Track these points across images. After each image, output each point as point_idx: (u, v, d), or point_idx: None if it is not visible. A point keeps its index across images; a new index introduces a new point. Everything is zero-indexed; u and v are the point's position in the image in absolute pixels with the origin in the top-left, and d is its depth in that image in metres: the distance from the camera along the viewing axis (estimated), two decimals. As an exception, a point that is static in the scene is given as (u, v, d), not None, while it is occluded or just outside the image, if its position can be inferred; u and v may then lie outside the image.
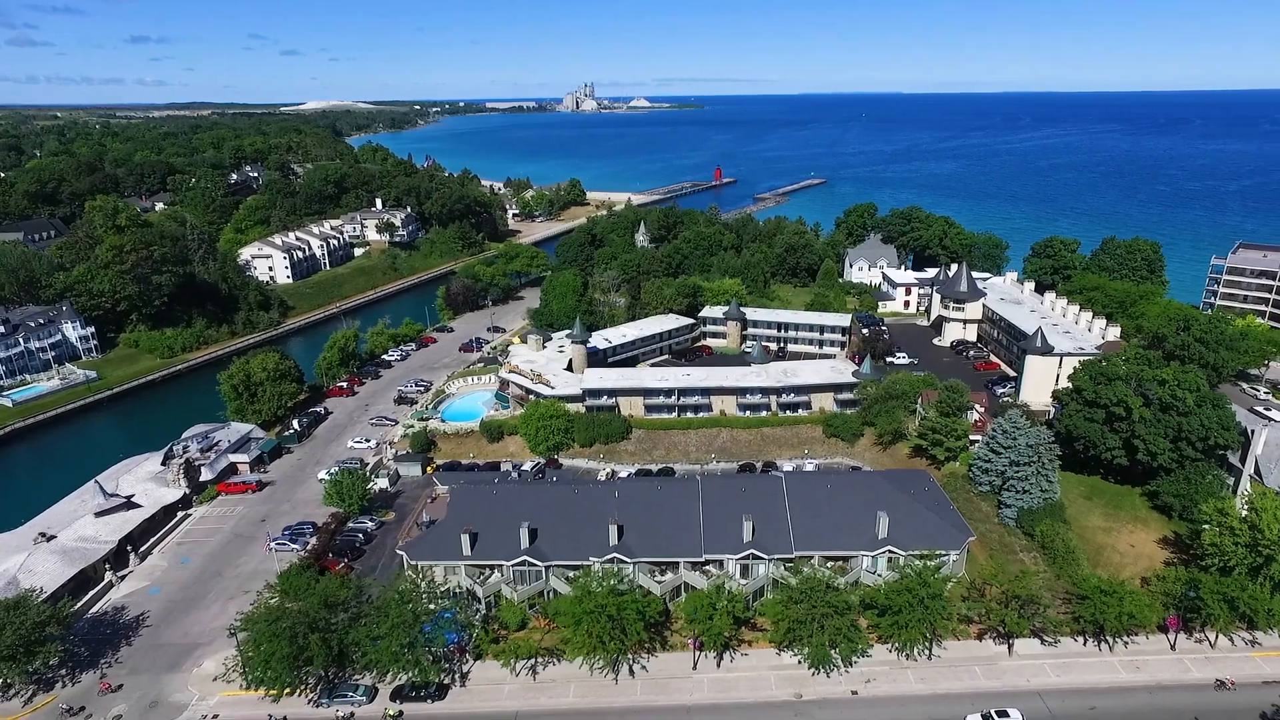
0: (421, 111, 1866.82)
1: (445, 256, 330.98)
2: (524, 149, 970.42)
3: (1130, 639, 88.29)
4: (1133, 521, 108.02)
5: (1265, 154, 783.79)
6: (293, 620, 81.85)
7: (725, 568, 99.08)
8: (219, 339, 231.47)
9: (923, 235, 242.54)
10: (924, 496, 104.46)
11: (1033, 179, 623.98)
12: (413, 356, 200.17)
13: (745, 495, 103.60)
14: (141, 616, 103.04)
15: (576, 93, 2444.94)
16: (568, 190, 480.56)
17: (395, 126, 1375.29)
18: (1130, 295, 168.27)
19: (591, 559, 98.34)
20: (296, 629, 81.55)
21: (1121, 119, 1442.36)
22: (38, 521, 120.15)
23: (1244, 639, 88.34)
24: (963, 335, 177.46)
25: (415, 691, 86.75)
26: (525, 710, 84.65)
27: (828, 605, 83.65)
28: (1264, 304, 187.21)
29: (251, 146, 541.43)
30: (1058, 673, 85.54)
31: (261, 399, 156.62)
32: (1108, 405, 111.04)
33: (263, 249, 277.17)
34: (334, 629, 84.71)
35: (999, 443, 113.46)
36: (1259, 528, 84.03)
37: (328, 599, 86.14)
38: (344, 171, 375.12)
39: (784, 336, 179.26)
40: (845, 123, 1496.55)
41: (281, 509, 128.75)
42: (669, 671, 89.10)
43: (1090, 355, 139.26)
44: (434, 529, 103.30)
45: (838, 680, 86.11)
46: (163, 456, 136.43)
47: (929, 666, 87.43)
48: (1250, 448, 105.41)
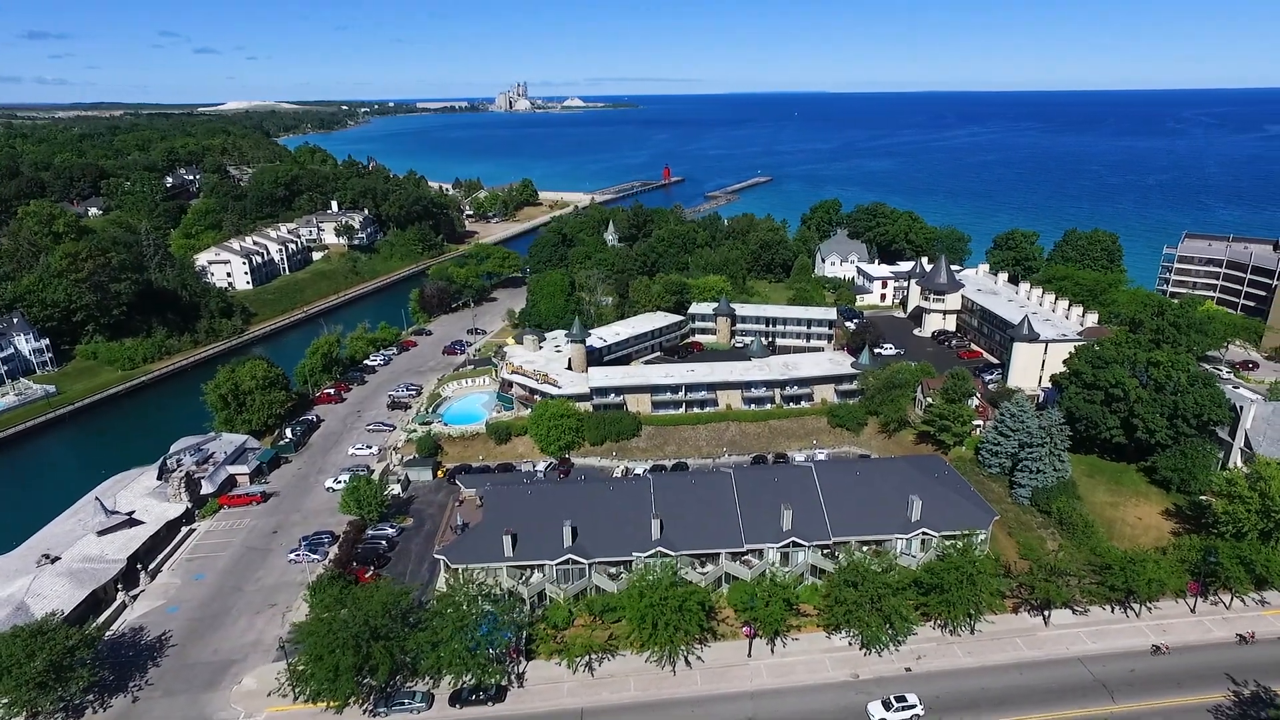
0: (350, 112, 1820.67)
1: (406, 259, 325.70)
2: (463, 149, 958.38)
3: (1154, 605, 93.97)
4: (1135, 496, 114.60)
5: (1172, 150, 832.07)
6: (357, 629, 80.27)
7: (765, 557, 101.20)
8: (182, 348, 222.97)
9: (889, 230, 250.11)
10: (946, 480, 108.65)
11: (967, 175, 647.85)
12: (394, 361, 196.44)
13: (778, 485, 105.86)
14: (164, 636, 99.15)
15: (509, 92, 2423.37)
16: (520, 190, 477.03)
17: (324, 127, 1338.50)
18: (1100, 284, 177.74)
19: (635, 554, 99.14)
20: (360, 638, 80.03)
21: (1039, 117, 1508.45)
22: (35, 543, 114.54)
23: (1254, 599, 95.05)
24: (943, 325, 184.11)
25: (474, 694, 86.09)
26: (590, 707, 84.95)
27: (884, 586, 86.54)
28: (1212, 289, 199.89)
29: (184, 148, 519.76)
30: (1092, 640, 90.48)
31: (251, 408, 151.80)
32: (1106, 387, 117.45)
33: (220, 254, 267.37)
34: (394, 637, 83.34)
35: (1007, 426, 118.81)
36: (1269, 495, 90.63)
37: (389, 606, 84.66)
38: (294, 173, 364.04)
39: (772, 331, 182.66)
40: (779, 122, 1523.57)
41: (292, 520, 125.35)
42: (724, 660, 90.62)
43: (1073, 341, 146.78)
44: (472, 531, 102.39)
45: (890, 659, 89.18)
46: (158, 471, 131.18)
47: (973, 641, 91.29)
48: (1240, 422, 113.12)
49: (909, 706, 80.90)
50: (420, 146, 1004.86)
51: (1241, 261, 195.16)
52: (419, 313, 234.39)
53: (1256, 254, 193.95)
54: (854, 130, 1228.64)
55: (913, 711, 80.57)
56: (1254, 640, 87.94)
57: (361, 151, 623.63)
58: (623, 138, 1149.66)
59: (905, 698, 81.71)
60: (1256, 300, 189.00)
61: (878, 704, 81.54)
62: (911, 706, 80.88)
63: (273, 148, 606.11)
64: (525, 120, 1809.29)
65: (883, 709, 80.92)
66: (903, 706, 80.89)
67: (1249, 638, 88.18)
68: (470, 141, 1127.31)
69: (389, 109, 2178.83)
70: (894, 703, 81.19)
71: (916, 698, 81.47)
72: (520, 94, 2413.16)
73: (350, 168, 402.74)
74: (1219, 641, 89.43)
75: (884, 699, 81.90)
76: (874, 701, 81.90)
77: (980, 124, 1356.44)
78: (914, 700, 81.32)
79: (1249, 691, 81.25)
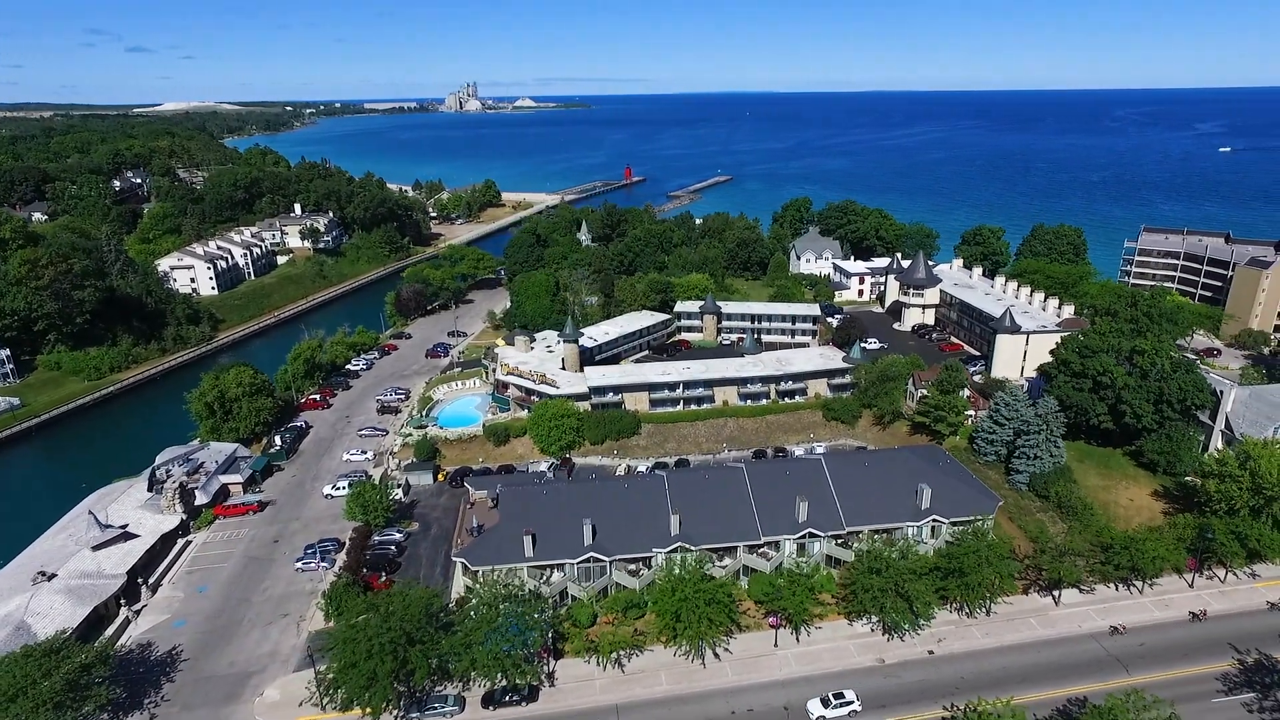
0: (296, 113, 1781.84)
1: (373, 262, 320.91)
2: (417, 151, 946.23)
3: (1154, 581, 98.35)
4: (1125, 479, 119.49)
5: (1112, 148, 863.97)
6: (394, 634, 79.48)
7: (782, 548, 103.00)
8: (149, 357, 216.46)
9: (860, 227, 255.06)
10: (949, 469, 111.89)
11: (920, 173, 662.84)
12: (377, 365, 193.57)
13: (790, 478, 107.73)
14: (174, 651, 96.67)
15: (459, 93, 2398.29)
16: (483, 191, 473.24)
17: (271, 129, 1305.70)
18: (1070, 276, 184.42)
19: (655, 550, 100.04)
20: (398, 643, 79.30)
21: (984, 116, 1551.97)
22: (26, 560, 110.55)
23: (1245, 572, 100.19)
24: (922, 320, 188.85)
25: (507, 696, 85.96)
26: (625, 702, 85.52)
27: (909, 572, 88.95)
28: (1170, 280, 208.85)
29: (130, 150, 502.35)
30: (1101, 617, 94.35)
31: (238, 416, 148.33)
32: (1094, 375, 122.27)
33: (183, 259, 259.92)
34: (429, 641, 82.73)
35: (1002, 415, 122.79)
36: (1259, 474, 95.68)
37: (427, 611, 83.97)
38: (253, 176, 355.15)
39: (757, 328, 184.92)
40: (732, 121, 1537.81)
41: (292, 528, 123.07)
42: (752, 651, 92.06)
43: (1053, 332, 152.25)
44: (490, 533, 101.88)
45: (912, 643, 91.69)
46: (148, 482, 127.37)
47: (990, 622, 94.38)
48: (1220, 406, 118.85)
49: (847, 703, 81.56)
50: (373, 148, 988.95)
51: (1198, 253, 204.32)
52: (395, 316, 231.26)
53: (1212, 246, 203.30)
54: (806, 130, 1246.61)
55: (850, 708, 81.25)
56: (1205, 618, 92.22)
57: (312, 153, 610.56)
58: (579, 138, 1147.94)
59: (844, 694, 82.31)
60: (1213, 290, 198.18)
61: (817, 702, 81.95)
62: (850, 703, 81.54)
63: (222, 150, 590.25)
64: (477, 121, 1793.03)
65: (821, 706, 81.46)
66: (841, 704, 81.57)
67: (1200, 616, 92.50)
68: (423, 142, 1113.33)
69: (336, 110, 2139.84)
70: (832, 700, 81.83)
71: (854, 694, 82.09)
72: (470, 94, 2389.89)
73: (312, 169, 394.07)
74: (1218, 614, 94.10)
75: (823, 697, 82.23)
76: (813, 700, 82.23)
77: (927, 123, 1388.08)
78: (852, 696, 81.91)
79: (1252, 659, 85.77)
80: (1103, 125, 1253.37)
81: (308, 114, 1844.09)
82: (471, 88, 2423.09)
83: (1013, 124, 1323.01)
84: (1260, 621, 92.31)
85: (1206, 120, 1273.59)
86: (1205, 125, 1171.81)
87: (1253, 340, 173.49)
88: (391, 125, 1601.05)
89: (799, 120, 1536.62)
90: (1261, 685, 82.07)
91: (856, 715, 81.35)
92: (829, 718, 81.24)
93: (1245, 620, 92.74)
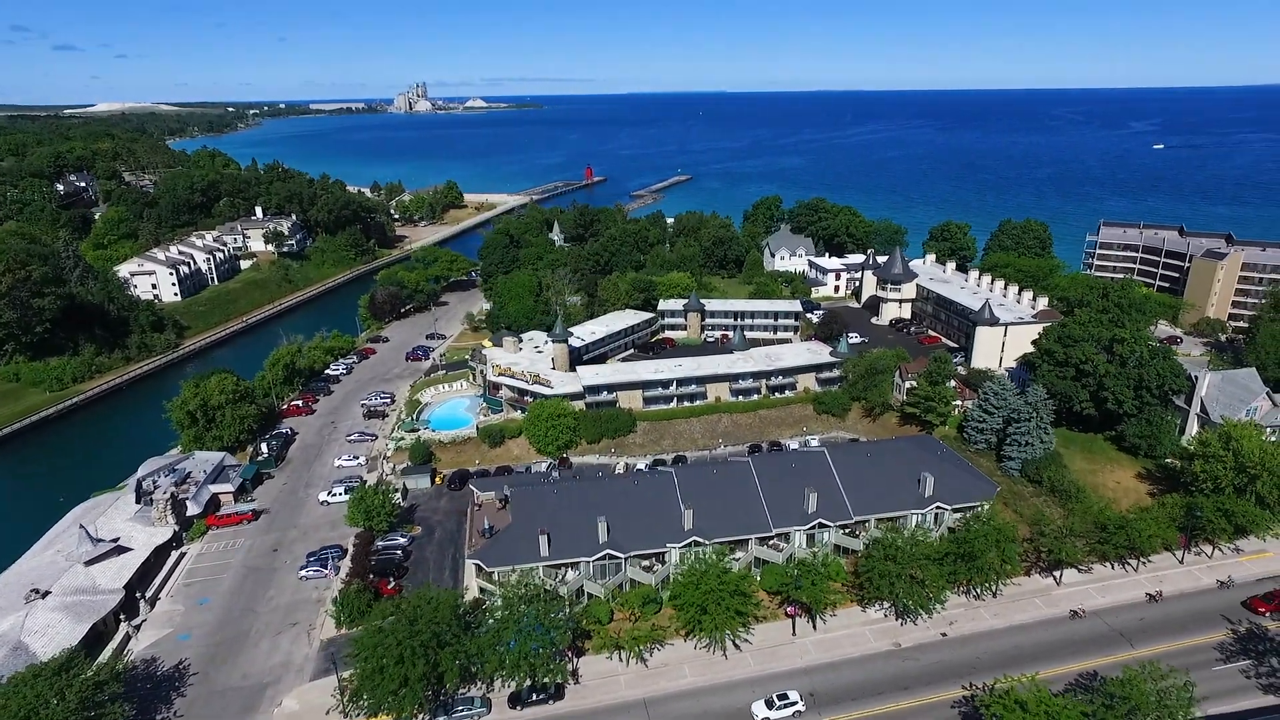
0: (239, 114, 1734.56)
1: (339, 265, 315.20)
2: (370, 152, 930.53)
3: (1146, 559, 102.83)
4: (1109, 462, 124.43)
5: (1054, 145, 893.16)
6: (423, 637, 78.92)
7: (792, 539, 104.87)
8: (112, 366, 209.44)
9: (830, 224, 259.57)
10: (946, 457, 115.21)
11: (875, 171, 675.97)
12: (356, 369, 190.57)
13: (796, 470, 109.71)
14: (182, 665, 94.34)
15: (408, 93, 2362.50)
16: (445, 193, 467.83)
17: (214, 130, 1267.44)
18: (1040, 269, 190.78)
19: (669, 545, 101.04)
20: (428, 646, 78.78)
21: (929, 115, 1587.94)
22: (12, 578, 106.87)
23: (1230, 548, 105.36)
24: (899, 314, 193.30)
25: (534, 695, 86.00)
26: (651, 696, 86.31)
27: (923, 558, 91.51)
28: (1130, 271, 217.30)
29: (71, 153, 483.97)
30: (1100, 594, 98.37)
31: (221, 424, 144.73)
32: (1077, 364, 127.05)
33: (144, 265, 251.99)
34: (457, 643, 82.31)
35: (991, 404, 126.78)
36: (1241, 454, 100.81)
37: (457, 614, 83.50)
38: (211, 178, 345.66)
39: (740, 324, 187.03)
40: (685, 121, 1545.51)
41: (290, 536, 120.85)
42: (771, 640, 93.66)
43: (1030, 323, 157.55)
44: (503, 534, 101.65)
45: (925, 626, 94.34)
46: (136, 494, 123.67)
47: (997, 604, 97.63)
48: (1195, 390, 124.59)
49: (791, 704, 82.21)
50: (323, 149, 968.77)
51: (1155, 246, 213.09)
52: (370, 319, 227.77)
53: (1168, 239, 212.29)
54: (759, 129, 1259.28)
55: (795, 709, 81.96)
56: (1161, 599, 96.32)
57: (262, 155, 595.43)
58: (534, 138, 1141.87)
59: (787, 695, 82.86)
60: (1170, 281, 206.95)
61: (761, 704, 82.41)
62: (794, 704, 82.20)
63: (169, 153, 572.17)
64: (428, 121, 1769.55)
65: (765, 708, 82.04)
66: (785, 705, 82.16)
67: (1157, 597, 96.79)
68: (375, 144, 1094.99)
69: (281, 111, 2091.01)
70: (776, 701, 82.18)
71: (798, 694, 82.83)
72: (420, 95, 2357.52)
73: (272, 171, 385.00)
74: (1207, 588, 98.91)
75: (767, 698, 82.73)
76: (758, 701, 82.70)
77: (876, 122, 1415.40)
78: (796, 697, 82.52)
79: (1244, 629, 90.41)
80: (1043, 124, 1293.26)
81: (251, 115, 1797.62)
82: (421, 88, 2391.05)
83: (959, 122, 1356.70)
84: (1247, 593, 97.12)
85: (1140, 119, 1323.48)
86: (1139, 124, 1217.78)
87: (1211, 328, 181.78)
88: (340, 126, 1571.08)
89: (751, 119, 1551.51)
90: (1256, 653, 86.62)
91: (800, 716, 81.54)
92: (773, 718, 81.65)
93: (1232, 593, 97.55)
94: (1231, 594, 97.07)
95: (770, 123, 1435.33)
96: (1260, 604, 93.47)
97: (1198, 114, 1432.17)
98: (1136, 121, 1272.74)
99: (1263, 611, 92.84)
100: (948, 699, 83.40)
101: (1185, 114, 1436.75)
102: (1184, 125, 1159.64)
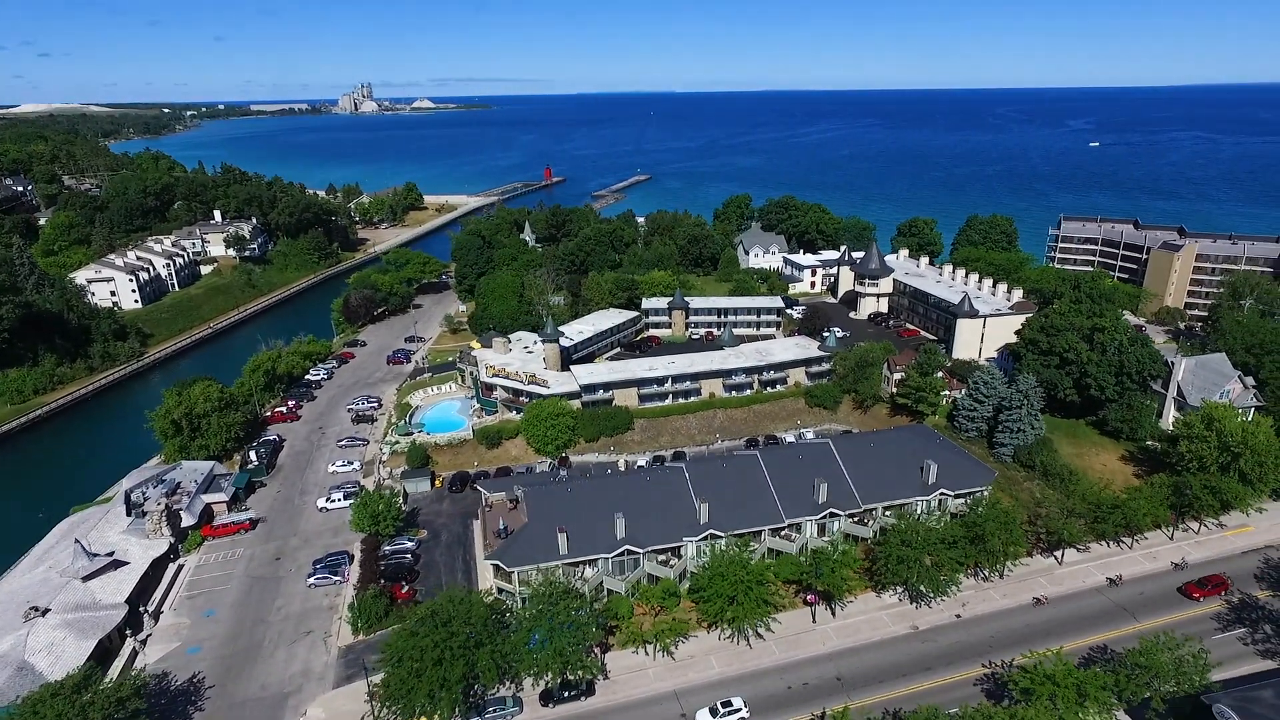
0: (176, 115, 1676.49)
1: (302, 269, 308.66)
2: (317, 154, 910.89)
3: (1141, 537, 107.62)
4: (1093, 446, 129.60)
5: (1000, 144, 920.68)
6: (461, 639, 78.58)
7: (804, 530, 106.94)
8: (75, 376, 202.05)
9: (800, 221, 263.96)
10: (943, 445, 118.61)
11: (830, 170, 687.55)
12: (336, 374, 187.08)
13: (803, 462, 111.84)
14: (196, 679, 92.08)
15: (353, 94, 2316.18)
16: (404, 194, 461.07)
17: (150, 132, 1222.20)
18: (1011, 263, 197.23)
19: (686, 539, 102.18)
20: (466, 647, 78.48)
21: (877, 114, 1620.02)
22: (3, 596, 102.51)
23: (1213, 524, 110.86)
24: (877, 308, 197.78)
25: (566, 692, 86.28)
26: (682, 688, 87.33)
27: (939, 542, 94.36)
28: (1090, 263, 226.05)
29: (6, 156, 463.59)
30: (1101, 571, 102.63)
31: (207, 433, 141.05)
32: (1061, 352, 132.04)
33: (101, 271, 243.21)
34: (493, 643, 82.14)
35: (981, 393, 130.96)
36: (1225, 433, 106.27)
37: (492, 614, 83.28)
38: (165, 181, 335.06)
39: (724, 321, 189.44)
40: (637, 121, 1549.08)
41: (291, 544, 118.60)
42: (792, 629, 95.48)
43: (1007, 315, 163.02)
44: (520, 534, 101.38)
45: (939, 609, 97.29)
46: (126, 506, 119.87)
47: (1004, 584, 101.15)
48: (1172, 375, 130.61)
49: (734, 711, 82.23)
50: (269, 151, 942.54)
51: (1114, 239, 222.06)
52: (344, 323, 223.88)
53: (1126, 232, 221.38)
54: (713, 129, 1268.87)
55: (739, 715, 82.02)
56: (1121, 583, 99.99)
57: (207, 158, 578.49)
58: (488, 139, 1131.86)
59: (731, 702, 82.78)
60: (1129, 272, 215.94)
61: (705, 711, 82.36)
62: (737, 710, 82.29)
63: (110, 155, 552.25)
64: (375, 123, 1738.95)
65: (710, 716, 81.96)
66: (729, 712, 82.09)
67: (1118, 580, 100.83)
68: (323, 145, 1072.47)
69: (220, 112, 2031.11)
70: (721, 709, 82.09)
71: (742, 701, 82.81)
72: (365, 95, 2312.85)
73: (229, 174, 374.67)
74: (1198, 561, 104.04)
75: (711, 706, 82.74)
76: (702, 710, 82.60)
77: (826, 121, 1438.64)
78: (739, 704, 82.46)
79: (1237, 599, 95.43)
80: (986, 122, 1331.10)
81: (189, 116, 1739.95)
82: (366, 88, 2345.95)
83: (907, 122, 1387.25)
84: (1235, 565, 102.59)
85: (1076, 118, 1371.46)
86: (1076, 122, 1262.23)
87: (1170, 316, 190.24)
88: (284, 128, 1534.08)
89: (702, 119, 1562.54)
90: (1250, 621, 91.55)
91: None
92: None
93: (1222, 566, 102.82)
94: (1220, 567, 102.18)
95: (722, 123, 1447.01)
96: (1195, 589, 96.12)
97: (1129, 113, 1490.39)
98: (1073, 120, 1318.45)
99: (1196, 597, 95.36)
100: (969, 677, 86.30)
101: (1117, 113, 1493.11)
102: (1116, 124, 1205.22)
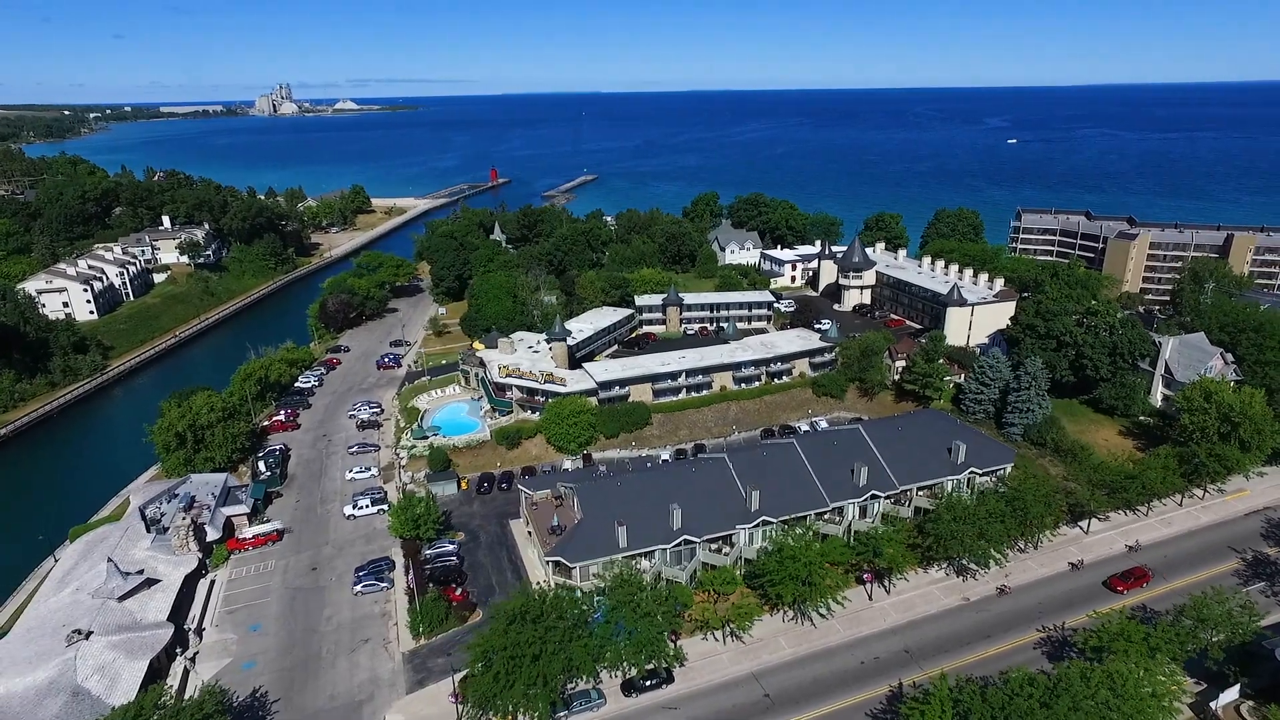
0: (78, 117, 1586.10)
1: (260, 276, 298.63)
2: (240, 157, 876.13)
3: (1153, 505, 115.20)
4: (1091, 423, 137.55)
5: (926, 141, 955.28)
6: (557, 634, 78.98)
7: (846, 513, 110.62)
8: (36, 393, 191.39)
9: (770, 218, 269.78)
10: (961, 428, 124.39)
11: (770, 167, 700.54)
12: (326, 381, 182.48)
13: (837, 447, 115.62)
14: (259, 694, 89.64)
15: (271, 95, 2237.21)
16: (351, 198, 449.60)
17: (54, 135, 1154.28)
18: (986, 254, 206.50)
19: (739, 527, 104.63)
20: (563, 642, 78.92)
21: (805, 113, 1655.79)
22: (32, 621, 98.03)
23: (1215, 489, 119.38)
24: (861, 300, 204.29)
25: (646, 681, 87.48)
26: (760, 669, 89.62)
27: (988, 517, 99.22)
28: (1050, 254, 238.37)
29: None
30: (1123, 538, 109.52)
31: (211, 444, 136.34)
32: (1057, 335, 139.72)
33: (53, 280, 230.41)
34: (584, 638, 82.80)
35: (987, 376, 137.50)
36: (1224, 405, 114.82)
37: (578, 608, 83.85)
38: (107, 186, 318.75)
39: (717, 316, 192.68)
40: (571, 121, 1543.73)
41: (325, 553, 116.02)
42: (851, 608, 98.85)
43: (993, 303, 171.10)
44: (577, 529, 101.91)
45: (985, 580, 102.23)
46: (145, 523, 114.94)
47: (1040, 554, 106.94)
48: (1160, 354, 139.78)
49: None
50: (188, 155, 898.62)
51: (1071, 229, 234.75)
52: (321, 329, 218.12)
53: (1082, 223, 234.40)
54: (648, 129, 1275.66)
55: None
56: (1083, 567, 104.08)
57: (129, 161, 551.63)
58: (421, 141, 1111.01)
59: None
60: (1088, 261, 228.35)
61: None
62: None
63: (27, 160, 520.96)
64: (297, 125, 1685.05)
65: None
66: None
67: (1136, 546, 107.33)
68: (246, 148, 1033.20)
69: (126, 114, 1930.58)
70: None
71: None
72: (284, 96, 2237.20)
73: (174, 178, 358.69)
74: (1208, 524, 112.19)
75: None
76: None
77: (755, 120, 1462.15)
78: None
79: (1251, 556, 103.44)
80: (908, 120, 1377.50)
81: (93, 119, 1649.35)
82: (285, 89, 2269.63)
83: (833, 120, 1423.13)
84: (1242, 526, 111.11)
85: (993, 116, 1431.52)
86: (993, 120, 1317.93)
87: (1131, 301, 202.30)
88: (199, 130, 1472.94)
89: (636, 119, 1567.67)
90: (1266, 575, 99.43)
91: None
92: None
93: (1229, 527, 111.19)
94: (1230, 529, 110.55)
95: (656, 122, 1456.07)
96: (1119, 583, 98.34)
97: (1041, 111, 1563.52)
98: (991, 118, 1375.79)
99: (1120, 590, 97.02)
100: (1029, 641, 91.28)
101: (1029, 112, 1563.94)
102: (1030, 122, 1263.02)
